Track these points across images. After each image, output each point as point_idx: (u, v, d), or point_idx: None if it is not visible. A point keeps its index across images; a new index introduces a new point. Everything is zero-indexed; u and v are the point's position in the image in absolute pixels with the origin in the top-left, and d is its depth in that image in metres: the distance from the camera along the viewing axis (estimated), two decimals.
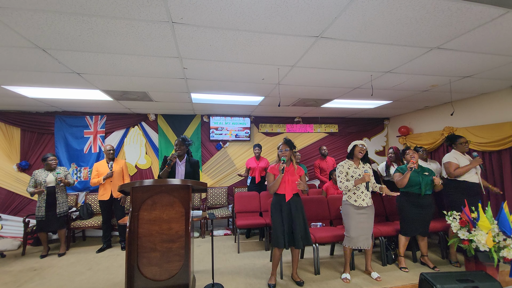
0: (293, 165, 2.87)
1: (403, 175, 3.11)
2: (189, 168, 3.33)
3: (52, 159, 3.85)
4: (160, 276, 2.27)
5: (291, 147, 2.84)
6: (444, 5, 1.66)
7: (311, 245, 2.93)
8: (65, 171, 4.03)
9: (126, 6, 1.61)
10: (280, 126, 5.79)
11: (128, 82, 3.12)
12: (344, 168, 3.00)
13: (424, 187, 3.09)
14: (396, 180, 3.21)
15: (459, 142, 3.40)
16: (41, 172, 3.82)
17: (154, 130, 5.20)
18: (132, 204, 2.30)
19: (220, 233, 4.75)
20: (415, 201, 3.12)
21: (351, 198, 2.94)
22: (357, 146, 2.98)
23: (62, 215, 3.87)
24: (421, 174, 3.14)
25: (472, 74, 3.03)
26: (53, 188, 3.81)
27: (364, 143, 3.01)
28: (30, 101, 3.93)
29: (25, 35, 1.95)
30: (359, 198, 2.90)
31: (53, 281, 3.02)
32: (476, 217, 2.81)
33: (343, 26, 1.90)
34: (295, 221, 2.74)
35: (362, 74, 2.97)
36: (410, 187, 3.14)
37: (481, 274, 2.44)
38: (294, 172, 2.84)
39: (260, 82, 3.19)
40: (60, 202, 3.86)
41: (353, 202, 2.91)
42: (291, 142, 2.86)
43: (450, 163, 3.36)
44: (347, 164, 3.01)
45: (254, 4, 1.63)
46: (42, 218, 3.71)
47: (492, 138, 3.73)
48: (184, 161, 3.36)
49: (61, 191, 3.91)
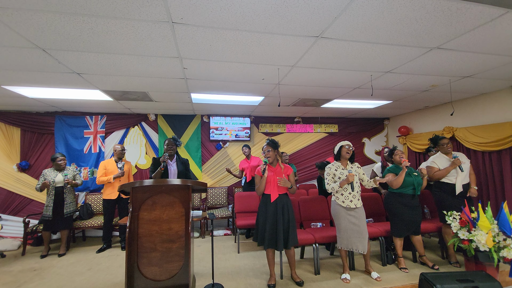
0: (279, 165, 2.86)
1: (398, 175, 3.10)
2: (181, 167, 3.38)
3: (61, 159, 3.87)
4: (160, 276, 2.26)
5: (274, 147, 2.83)
6: (444, 5, 1.66)
7: (295, 246, 2.91)
8: (74, 171, 4.05)
9: (126, 6, 1.61)
10: (280, 126, 5.79)
11: (128, 82, 3.12)
12: (331, 170, 3.00)
13: (417, 187, 3.11)
14: (390, 181, 3.18)
15: (440, 143, 3.41)
16: (51, 171, 3.84)
17: (154, 130, 5.20)
18: (132, 204, 2.30)
19: (220, 233, 4.74)
20: (408, 202, 3.13)
21: (339, 199, 2.94)
22: (344, 147, 3.00)
23: (69, 215, 3.89)
24: (412, 174, 3.16)
25: (472, 74, 3.03)
26: (61, 188, 3.83)
27: (350, 144, 3.02)
28: (30, 101, 3.93)
29: (25, 35, 1.95)
30: (347, 199, 2.89)
31: (53, 281, 3.02)
32: (476, 217, 2.81)
33: (343, 26, 1.90)
34: (278, 222, 2.72)
35: (362, 74, 2.97)
36: (403, 188, 3.14)
37: (481, 274, 2.44)
38: (281, 172, 2.83)
39: (260, 82, 3.19)
40: (68, 202, 3.88)
41: (340, 203, 2.91)
42: (274, 142, 2.85)
43: (430, 167, 3.40)
44: (335, 165, 3.02)
45: (254, 4, 1.63)
46: (49, 217, 3.72)
47: (492, 138, 3.74)
48: (174, 161, 3.40)
49: (69, 192, 3.93)
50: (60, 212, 3.78)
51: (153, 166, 3.31)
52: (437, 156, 3.43)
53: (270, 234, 2.72)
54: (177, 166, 3.38)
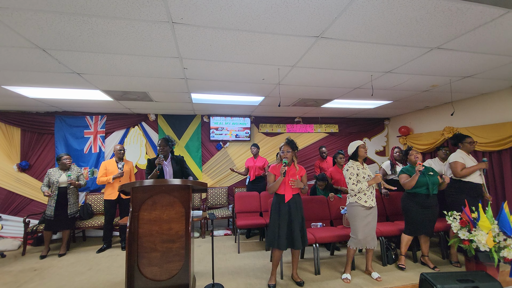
0: (295, 166, 2.83)
1: (411, 178, 3.07)
2: (176, 167, 3.33)
3: (66, 158, 3.87)
4: (160, 276, 2.26)
5: (293, 149, 2.77)
6: (444, 5, 1.66)
7: (306, 245, 2.92)
8: (78, 172, 4.04)
9: (126, 6, 1.61)
10: (280, 126, 5.78)
11: (128, 82, 3.12)
12: (354, 169, 2.93)
13: (431, 187, 3.07)
14: (403, 182, 3.17)
15: (466, 141, 3.36)
16: (55, 171, 3.84)
17: (154, 130, 5.20)
18: (132, 204, 2.30)
19: (220, 233, 4.74)
20: (423, 202, 3.09)
21: (361, 199, 2.89)
22: (361, 147, 2.96)
23: (72, 215, 3.88)
24: (426, 174, 3.12)
25: (472, 74, 3.03)
26: (65, 188, 3.83)
27: (364, 142, 3.03)
28: (30, 101, 3.93)
29: (25, 35, 1.95)
30: (369, 199, 2.89)
31: (53, 281, 3.02)
32: (476, 217, 2.81)
33: (343, 26, 1.90)
34: (293, 222, 2.72)
35: (363, 74, 2.96)
36: (417, 188, 3.10)
37: (482, 274, 2.44)
38: (295, 173, 2.81)
39: (260, 82, 3.18)
40: (71, 202, 3.87)
41: (363, 203, 2.86)
42: (294, 143, 2.79)
43: (456, 163, 3.31)
44: (355, 164, 2.97)
45: (254, 4, 1.62)
46: (51, 217, 3.72)
47: (492, 138, 3.73)
48: (169, 160, 3.35)
49: (73, 192, 3.93)
50: (63, 212, 3.77)
51: (149, 168, 3.26)
52: (459, 153, 3.37)
53: (285, 234, 2.70)
54: (172, 166, 3.32)
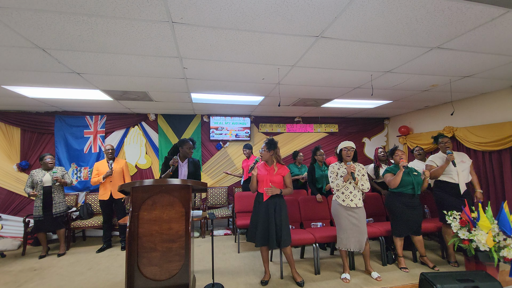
0: (274, 166, 2.86)
1: (396, 174, 3.11)
2: (192, 169, 3.39)
3: (48, 158, 3.82)
4: (160, 276, 2.26)
5: (269, 148, 2.82)
6: (444, 5, 1.66)
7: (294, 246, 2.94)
8: (63, 171, 4.00)
9: (126, 6, 1.61)
10: (280, 126, 5.79)
11: (128, 82, 3.12)
12: (335, 168, 3.03)
13: (417, 186, 3.11)
14: (388, 181, 3.20)
15: (439, 141, 3.41)
16: (38, 172, 3.80)
17: (154, 130, 5.20)
18: (132, 204, 2.30)
19: (220, 233, 4.74)
20: (407, 202, 3.13)
21: (339, 197, 2.94)
22: (343, 150, 2.99)
23: (59, 215, 3.82)
24: (411, 174, 3.16)
25: (472, 74, 3.03)
26: (49, 188, 3.78)
27: (351, 145, 2.97)
28: (30, 101, 3.93)
29: (25, 35, 1.95)
30: (347, 198, 2.90)
31: (53, 281, 3.02)
32: (476, 217, 2.81)
33: (343, 26, 1.90)
34: (270, 222, 2.74)
35: (362, 74, 2.96)
36: (403, 187, 3.14)
37: (481, 274, 2.44)
38: (273, 172, 2.83)
39: (260, 82, 3.18)
40: (56, 202, 3.81)
41: (341, 202, 2.92)
42: (272, 143, 2.83)
43: (428, 165, 3.42)
44: (337, 165, 3.04)
45: (254, 4, 1.62)
46: (39, 218, 3.68)
47: (492, 138, 3.73)
48: (186, 162, 3.40)
49: (58, 191, 3.87)
50: (50, 212, 3.73)
51: (164, 166, 3.32)
52: (436, 155, 3.43)
53: (262, 232, 2.75)
54: (188, 168, 3.38)
